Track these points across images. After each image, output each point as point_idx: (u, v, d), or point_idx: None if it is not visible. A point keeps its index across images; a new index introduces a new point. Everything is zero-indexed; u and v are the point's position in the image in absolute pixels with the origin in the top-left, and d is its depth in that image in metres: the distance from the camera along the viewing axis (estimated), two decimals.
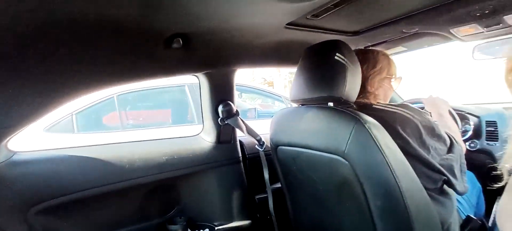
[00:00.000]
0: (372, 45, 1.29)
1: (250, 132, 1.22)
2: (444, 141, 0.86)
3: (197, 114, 2.73)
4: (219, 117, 1.19)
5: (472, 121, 1.46)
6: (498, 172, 0.49)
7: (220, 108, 1.19)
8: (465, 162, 0.92)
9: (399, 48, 1.33)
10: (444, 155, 0.85)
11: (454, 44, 1.24)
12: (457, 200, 1.08)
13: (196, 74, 1.18)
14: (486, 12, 0.85)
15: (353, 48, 1.33)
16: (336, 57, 0.79)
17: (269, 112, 3.80)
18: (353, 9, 0.84)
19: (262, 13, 0.78)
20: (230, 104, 1.19)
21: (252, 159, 1.35)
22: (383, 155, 0.68)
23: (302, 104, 0.96)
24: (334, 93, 0.79)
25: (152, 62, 0.92)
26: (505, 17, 0.88)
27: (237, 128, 1.22)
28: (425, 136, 0.81)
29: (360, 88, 0.87)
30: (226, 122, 1.18)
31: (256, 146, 1.22)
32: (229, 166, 1.27)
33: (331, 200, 0.90)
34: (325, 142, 0.79)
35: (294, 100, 0.95)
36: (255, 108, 4.11)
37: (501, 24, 0.93)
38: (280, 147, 1.00)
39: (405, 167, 0.72)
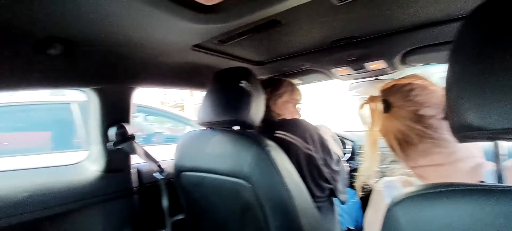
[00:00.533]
0: (275, 76, 1.43)
1: (149, 157, 1.09)
2: (333, 156, 1.03)
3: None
4: (109, 140, 1.01)
5: (350, 145, 1.79)
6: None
7: (112, 131, 1.01)
8: (347, 178, 1.13)
9: (296, 81, 1.52)
10: (332, 167, 1.01)
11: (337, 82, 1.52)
12: (340, 214, 1.27)
13: (83, 89, 0.99)
14: (354, 58, 1.09)
15: (259, 76, 1.45)
16: (241, 84, 0.84)
17: (178, 137, 3.59)
18: (256, 41, 0.91)
19: (166, 31, 0.73)
20: (125, 127, 1.03)
21: (150, 188, 1.19)
22: (281, 177, 0.72)
23: (209, 128, 0.95)
24: (239, 117, 0.82)
25: (25, 69, 0.72)
26: (365, 64, 1.15)
27: (132, 153, 1.06)
28: (320, 147, 0.97)
29: (266, 108, 1.01)
30: (118, 147, 1.01)
31: (155, 173, 1.09)
32: (120, 198, 1.08)
33: (234, 227, 0.89)
34: (229, 165, 0.79)
35: (201, 123, 0.93)
36: (161, 132, 3.82)
37: (363, 69, 1.20)
38: (184, 173, 0.93)
39: (299, 187, 0.79)
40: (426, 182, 0.54)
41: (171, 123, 4.33)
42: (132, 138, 1.04)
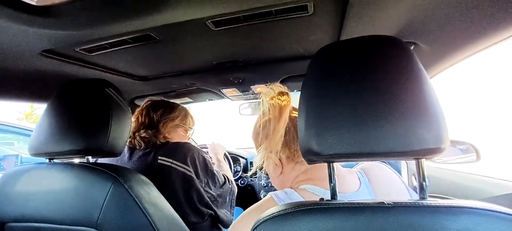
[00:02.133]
0: (163, 93, 1.32)
1: None
2: (217, 179, 1.03)
3: None
4: None
5: (242, 162, 1.84)
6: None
7: None
8: (235, 199, 1.13)
9: (187, 99, 1.45)
10: (215, 189, 1.01)
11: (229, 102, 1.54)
12: None
13: None
14: (240, 81, 1.12)
15: (145, 93, 1.30)
16: (97, 98, 0.67)
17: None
18: (133, 55, 0.80)
19: (3, 31, 0.54)
20: None
21: None
22: (146, 216, 0.61)
23: (49, 160, 0.72)
24: (93, 144, 0.64)
25: None
26: (252, 86, 1.20)
27: None
28: (202, 170, 0.96)
29: (155, 130, 1.02)
30: None
31: None
32: None
33: None
34: (72, 212, 0.61)
35: (35, 154, 0.68)
36: (17, 154, 2.91)
37: (250, 91, 1.26)
38: (9, 224, 0.67)
39: (172, 220, 0.70)
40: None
41: (25, 139, 3.38)
42: None
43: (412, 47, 0.74)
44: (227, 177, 1.13)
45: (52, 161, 0.72)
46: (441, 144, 0.37)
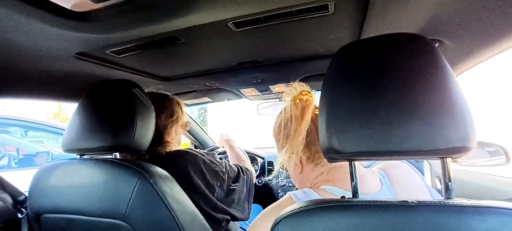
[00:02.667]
0: (183, 93, 1.36)
1: (7, 189, 0.83)
2: (228, 174, 0.92)
3: None
4: None
5: (259, 161, 1.85)
6: None
7: None
8: (253, 186, 1.03)
9: (206, 99, 1.49)
10: (229, 186, 0.91)
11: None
12: (244, 229, 1.26)
13: None
14: (259, 81, 1.13)
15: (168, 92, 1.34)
16: (124, 97, 0.71)
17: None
18: (157, 56, 0.83)
19: (40, 34, 0.58)
20: None
21: (11, 228, 0.90)
22: (170, 211, 0.63)
23: (80, 156, 0.77)
24: (120, 142, 0.68)
25: None
26: (270, 86, 1.21)
27: None
28: (210, 177, 0.85)
29: (158, 138, 0.85)
30: None
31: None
32: None
33: None
34: (102, 205, 0.64)
35: (68, 150, 0.74)
36: (48, 151, 3.11)
37: (269, 91, 1.27)
38: (44, 215, 0.72)
39: (194, 216, 0.72)
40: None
41: (55, 137, 3.59)
42: None
43: (436, 45, 0.72)
44: (241, 166, 1.02)
45: (82, 157, 0.77)
46: (467, 143, 0.36)
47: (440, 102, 0.37)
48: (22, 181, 0.97)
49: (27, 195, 0.84)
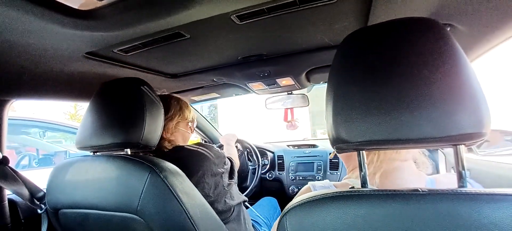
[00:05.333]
0: (191, 90, 1.37)
1: (27, 186, 0.86)
2: (229, 166, 1.03)
3: None
4: None
5: (269, 156, 1.85)
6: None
7: None
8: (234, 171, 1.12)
9: (214, 95, 1.49)
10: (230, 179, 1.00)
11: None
12: (258, 223, 1.27)
13: None
14: (266, 74, 1.12)
15: (174, 90, 1.36)
16: (133, 95, 0.72)
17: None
18: (164, 53, 0.84)
19: (50, 35, 0.59)
20: None
21: (31, 223, 0.95)
22: (180, 204, 0.65)
23: (94, 153, 0.79)
24: (130, 138, 0.70)
25: None
26: (277, 80, 1.20)
27: (1, 182, 0.82)
28: (216, 168, 0.93)
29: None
30: None
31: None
32: None
33: None
34: (115, 199, 0.66)
35: (81, 148, 0.76)
36: (65, 151, 3.23)
37: (276, 84, 1.26)
38: (62, 211, 0.75)
39: (205, 210, 0.73)
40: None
41: (71, 138, 3.72)
42: (4, 162, 0.82)
43: (448, 29, 0.69)
44: (232, 159, 1.11)
45: (95, 153, 0.79)
46: (481, 128, 0.35)
47: (452, 87, 0.35)
48: (43, 179, 1.02)
49: (45, 191, 0.89)
